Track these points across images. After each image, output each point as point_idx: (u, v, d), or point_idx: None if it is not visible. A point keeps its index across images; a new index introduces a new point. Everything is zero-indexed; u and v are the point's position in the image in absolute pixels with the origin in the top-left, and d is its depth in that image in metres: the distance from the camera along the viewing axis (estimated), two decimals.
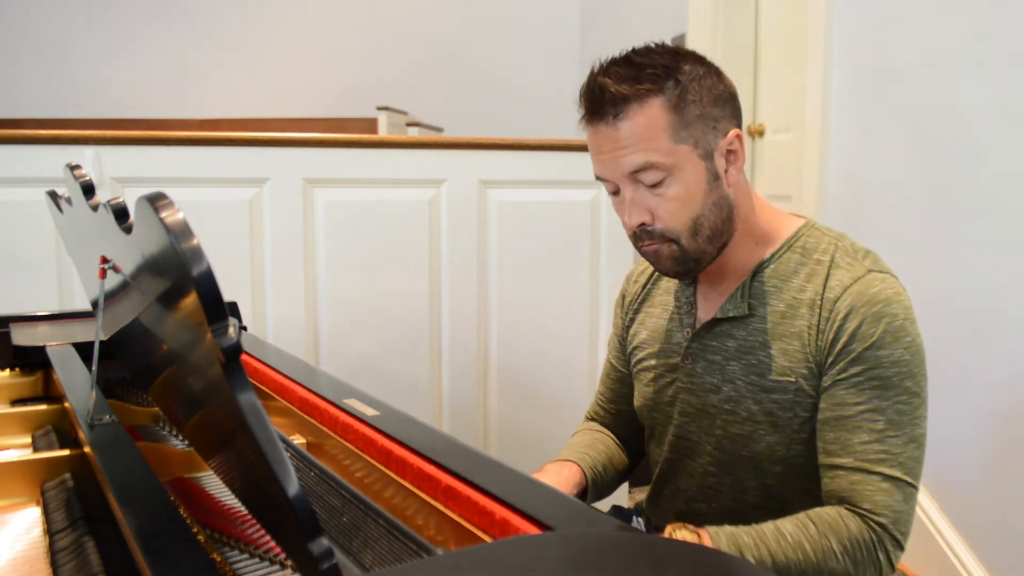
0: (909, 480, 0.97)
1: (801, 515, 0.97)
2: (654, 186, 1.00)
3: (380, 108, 4.84)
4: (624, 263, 2.42)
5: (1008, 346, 1.92)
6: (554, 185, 2.36)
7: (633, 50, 1.02)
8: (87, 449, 0.91)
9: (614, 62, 1.01)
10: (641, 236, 1.04)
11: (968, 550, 2.04)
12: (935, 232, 2.14)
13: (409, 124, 4.99)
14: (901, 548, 0.97)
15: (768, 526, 0.96)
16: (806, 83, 2.67)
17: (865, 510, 0.96)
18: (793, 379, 1.02)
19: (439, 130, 5.09)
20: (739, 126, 1.04)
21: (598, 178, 1.05)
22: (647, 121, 0.97)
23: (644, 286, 1.25)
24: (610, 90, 0.98)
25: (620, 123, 0.98)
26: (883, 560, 0.95)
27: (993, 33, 1.95)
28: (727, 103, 1.02)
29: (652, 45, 1.03)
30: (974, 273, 2.01)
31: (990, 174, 1.96)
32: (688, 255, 1.03)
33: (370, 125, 4.87)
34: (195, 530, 0.81)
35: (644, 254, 1.07)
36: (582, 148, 2.40)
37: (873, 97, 2.39)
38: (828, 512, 0.97)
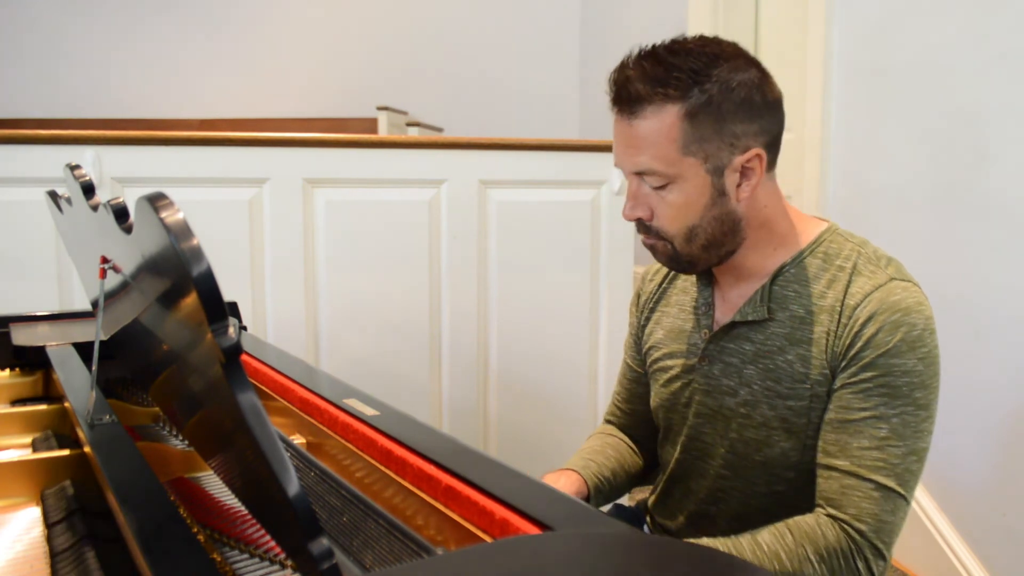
0: (902, 492, 0.96)
1: (780, 524, 0.97)
2: (658, 188, 1.00)
3: (380, 108, 4.85)
4: (624, 264, 2.42)
5: (1010, 346, 1.92)
6: (554, 185, 2.36)
7: (671, 43, 0.98)
8: (87, 449, 0.91)
9: (648, 55, 0.98)
10: (640, 229, 1.06)
11: (968, 550, 2.04)
12: (936, 232, 2.13)
13: (409, 124, 4.99)
14: (883, 559, 0.95)
15: (745, 537, 0.95)
16: (806, 83, 2.67)
17: (849, 515, 0.95)
18: (808, 385, 1.01)
19: (439, 130, 5.09)
20: (769, 140, 1.00)
21: (616, 165, 1.05)
22: (659, 127, 0.96)
23: (660, 285, 1.24)
24: (632, 86, 0.96)
25: (635, 121, 0.97)
26: (862, 569, 0.94)
27: (993, 33, 1.95)
28: (761, 116, 0.98)
29: (693, 39, 0.98)
30: (975, 273, 2.01)
31: (990, 174, 1.96)
32: (681, 257, 1.04)
33: (370, 125, 4.87)
34: (195, 530, 0.81)
35: (644, 244, 1.09)
36: (582, 148, 2.41)
37: (873, 97, 2.39)
38: (807, 521, 0.96)
